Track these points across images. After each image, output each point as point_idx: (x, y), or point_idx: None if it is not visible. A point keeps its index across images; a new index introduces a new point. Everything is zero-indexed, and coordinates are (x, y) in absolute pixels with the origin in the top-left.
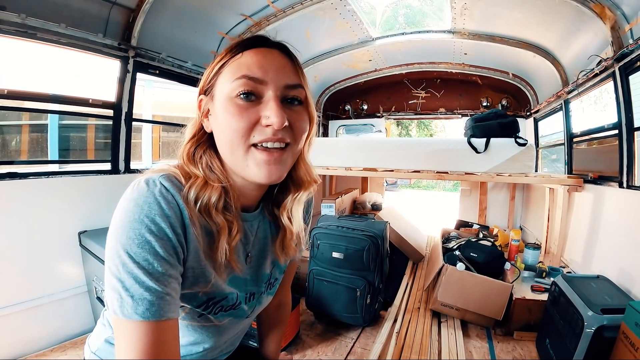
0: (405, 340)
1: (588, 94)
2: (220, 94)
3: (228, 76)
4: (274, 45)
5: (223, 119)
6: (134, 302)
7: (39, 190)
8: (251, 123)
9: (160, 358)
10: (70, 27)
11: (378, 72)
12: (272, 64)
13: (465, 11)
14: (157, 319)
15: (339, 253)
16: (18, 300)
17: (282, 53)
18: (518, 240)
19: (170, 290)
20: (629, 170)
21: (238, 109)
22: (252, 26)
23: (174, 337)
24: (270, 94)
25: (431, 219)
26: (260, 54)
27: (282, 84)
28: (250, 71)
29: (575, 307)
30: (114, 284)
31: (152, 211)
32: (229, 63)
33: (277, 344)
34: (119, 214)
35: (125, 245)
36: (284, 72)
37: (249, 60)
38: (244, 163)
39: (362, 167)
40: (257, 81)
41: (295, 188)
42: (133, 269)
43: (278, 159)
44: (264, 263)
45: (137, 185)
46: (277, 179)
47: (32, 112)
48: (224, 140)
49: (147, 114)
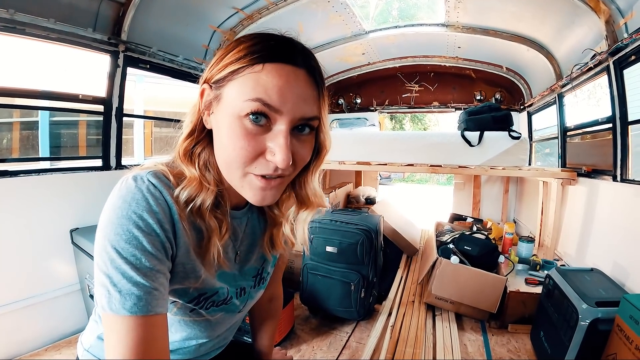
0: (400, 334)
1: (582, 88)
2: (229, 105)
3: (242, 89)
4: (302, 63)
5: (226, 137)
6: (121, 297)
7: (29, 188)
8: (256, 153)
9: (149, 353)
10: (59, 22)
11: (371, 65)
12: (294, 91)
13: (459, 4)
14: (145, 313)
15: (333, 247)
16: (10, 300)
17: (308, 76)
18: (512, 234)
19: (159, 286)
20: (623, 164)
21: (245, 133)
22: (244, 19)
23: (163, 332)
24: (282, 125)
25: (425, 212)
26: (284, 76)
27: (298, 116)
28: (267, 96)
29: (570, 300)
30: (102, 280)
31: (139, 207)
32: (246, 72)
33: (271, 338)
34: (107, 211)
35: (113, 241)
36: (304, 104)
37: (269, 82)
38: (240, 184)
39: (356, 161)
40: (272, 109)
41: (299, 203)
42: (121, 264)
43: (274, 187)
44: (252, 258)
45: (125, 182)
46: (270, 202)
47: (22, 109)
48: (223, 156)
49: (139, 109)
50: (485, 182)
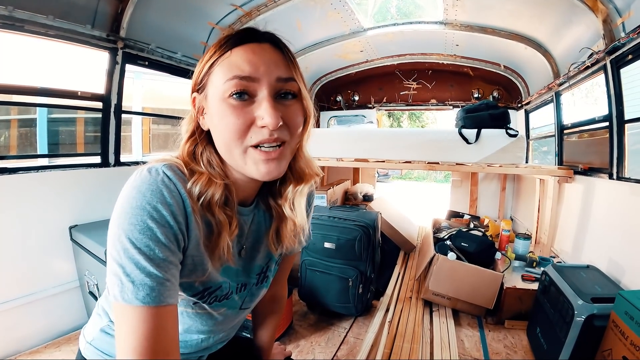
0: (397, 330)
1: (579, 86)
2: (213, 94)
3: (219, 76)
4: (264, 38)
5: (218, 121)
6: (134, 288)
7: (28, 185)
8: (246, 124)
9: (159, 343)
10: (58, 19)
11: (369, 63)
12: (262, 59)
13: (457, 2)
14: (158, 304)
15: (331, 243)
16: (9, 297)
17: (272, 46)
18: (509, 231)
19: (170, 277)
20: (619, 162)
21: (232, 109)
22: (243, 16)
23: (173, 322)
24: (263, 92)
25: (422, 209)
26: (250, 51)
27: (273, 78)
28: (241, 71)
29: (566, 296)
30: (115, 270)
31: (154, 198)
32: (219, 62)
33: (272, 335)
34: (121, 201)
35: (127, 231)
36: (275, 66)
37: (239, 59)
38: (243, 162)
39: (354, 158)
40: (248, 79)
41: (296, 180)
42: (134, 254)
43: (276, 156)
44: (257, 255)
45: (140, 173)
46: (277, 175)
47: (21, 106)
48: (221, 141)
49: (137, 106)
50: (483, 179)
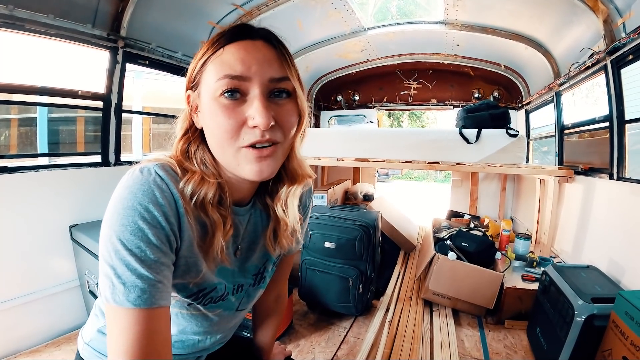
0: (397, 329)
1: (579, 86)
2: (206, 92)
3: (211, 74)
4: (257, 35)
5: (211, 120)
6: (125, 289)
7: (28, 184)
8: (238, 124)
9: (151, 345)
10: (58, 18)
11: (370, 62)
12: (255, 57)
13: (458, 2)
14: (149, 306)
15: (331, 243)
16: (9, 296)
17: (266, 43)
18: (509, 231)
19: (162, 278)
20: (620, 162)
21: (224, 109)
22: (243, 16)
23: (166, 325)
24: (255, 91)
25: (423, 209)
26: (242, 49)
27: (266, 77)
28: (232, 70)
29: (566, 296)
30: (107, 271)
31: (145, 199)
32: (212, 59)
33: (272, 335)
34: (113, 201)
35: (118, 232)
36: (268, 65)
37: (231, 58)
38: (235, 162)
39: (354, 158)
40: (240, 78)
41: (289, 181)
42: (125, 256)
43: (268, 154)
44: (253, 255)
45: (132, 173)
46: (269, 175)
47: (21, 105)
48: (214, 140)
49: (137, 105)
50: (483, 179)
